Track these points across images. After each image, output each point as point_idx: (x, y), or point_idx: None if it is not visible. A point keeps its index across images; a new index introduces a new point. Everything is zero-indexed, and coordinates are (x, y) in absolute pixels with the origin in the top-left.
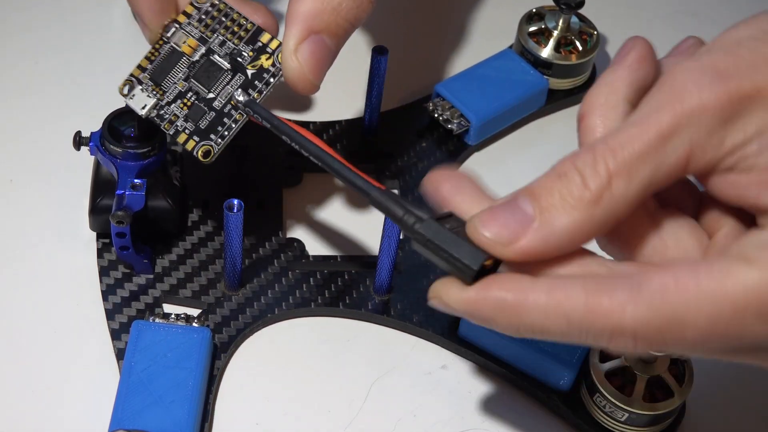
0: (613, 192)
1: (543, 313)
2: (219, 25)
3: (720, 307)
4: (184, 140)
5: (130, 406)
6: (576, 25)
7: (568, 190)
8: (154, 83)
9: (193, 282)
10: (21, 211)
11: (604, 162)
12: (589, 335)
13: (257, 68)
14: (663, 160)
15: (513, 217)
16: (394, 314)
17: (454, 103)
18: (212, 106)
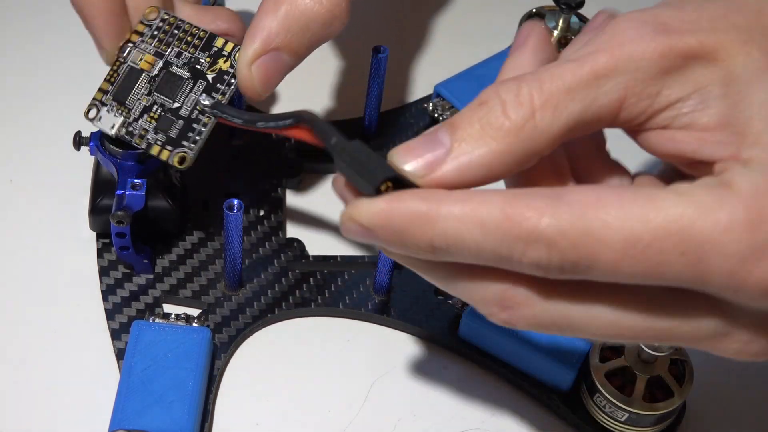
0: (536, 124)
1: (458, 220)
2: (172, 38)
3: (639, 231)
4: (158, 151)
5: (130, 406)
6: (576, 25)
7: (488, 119)
8: (118, 102)
9: (193, 282)
10: (21, 211)
11: (529, 92)
12: (503, 244)
13: (216, 72)
14: (594, 100)
15: (430, 149)
16: (394, 314)
17: (454, 103)
18: (179, 114)
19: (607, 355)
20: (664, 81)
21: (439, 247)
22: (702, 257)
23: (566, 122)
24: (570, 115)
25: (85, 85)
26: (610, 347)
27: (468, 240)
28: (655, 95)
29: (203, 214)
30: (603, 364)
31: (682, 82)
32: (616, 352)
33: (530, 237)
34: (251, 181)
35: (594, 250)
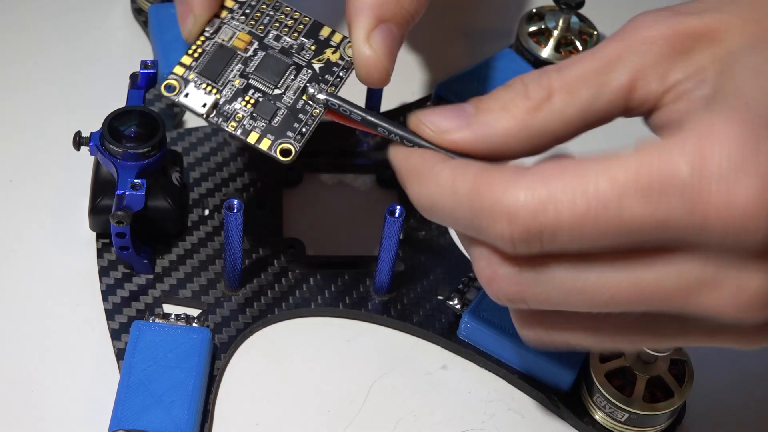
0: (552, 105)
1: (438, 185)
2: (269, 19)
3: (597, 186)
4: (257, 139)
5: (130, 406)
6: (576, 25)
7: (510, 97)
8: (206, 81)
9: (193, 282)
10: (21, 212)
11: (548, 78)
12: (473, 215)
13: (324, 62)
14: (606, 84)
15: (453, 112)
16: (394, 314)
17: (455, 102)
18: (282, 102)
19: (608, 355)
20: (671, 63)
21: (425, 206)
22: (659, 198)
23: (580, 105)
24: (583, 99)
25: (86, 84)
26: None
27: (445, 206)
28: (663, 77)
29: (203, 214)
30: (603, 364)
31: (686, 62)
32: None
33: (492, 209)
34: (251, 181)
35: (555, 215)
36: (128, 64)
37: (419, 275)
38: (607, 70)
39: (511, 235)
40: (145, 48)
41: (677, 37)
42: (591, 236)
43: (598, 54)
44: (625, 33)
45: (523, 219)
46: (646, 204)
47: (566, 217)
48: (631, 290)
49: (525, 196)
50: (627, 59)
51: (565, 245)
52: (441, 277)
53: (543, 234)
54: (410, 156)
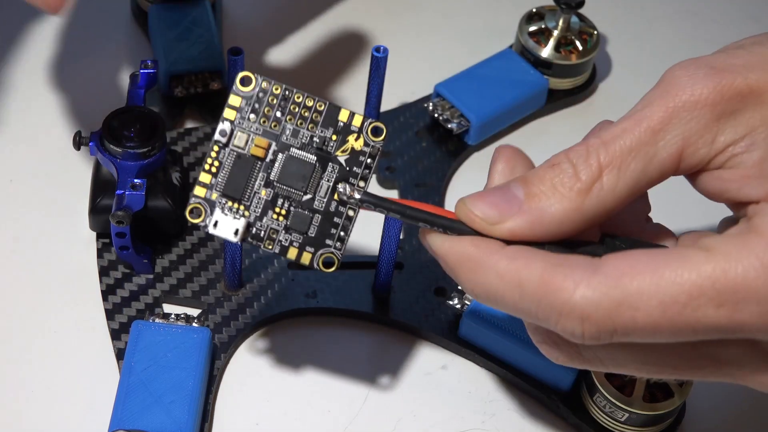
0: (603, 184)
1: (499, 275)
2: (282, 113)
3: (673, 292)
4: (296, 255)
5: (130, 406)
6: (576, 24)
7: (560, 179)
8: (230, 200)
9: (193, 282)
10: (21, 212)
11: (596, 154)
12: (539, 310)
13: (349, 152)
14: (655, 155)
15: (502, 199)
16: (394, 314)
17: (454, 102)
18: (313, 208)
19: None
20: (718, 126)
21: (479, 295)
22: (737, 306)
23: (630, 180)
24: (633, 173)
25: (86, 84)
26: None
27: (507, 297)
28: (712, 141)
29: None
30: None
31: (735, 125)
32: None
33: (563, 308)
34: None
35: (630, 317)
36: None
37: (420, 275)
38: (655, 141)
39: (582, 334)
40: (145, 48)
41: (723, 100)
42: (664, 337)
43: (643, 123)
44: (667, 96)
45: (596, 320)
46: (722, 310)
47: (642, 319)
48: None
49: (599, 296)
50: (674, 127)
51: (637, 341)
52: (441, 277)
53: (616, 333)
54: (459, 244)
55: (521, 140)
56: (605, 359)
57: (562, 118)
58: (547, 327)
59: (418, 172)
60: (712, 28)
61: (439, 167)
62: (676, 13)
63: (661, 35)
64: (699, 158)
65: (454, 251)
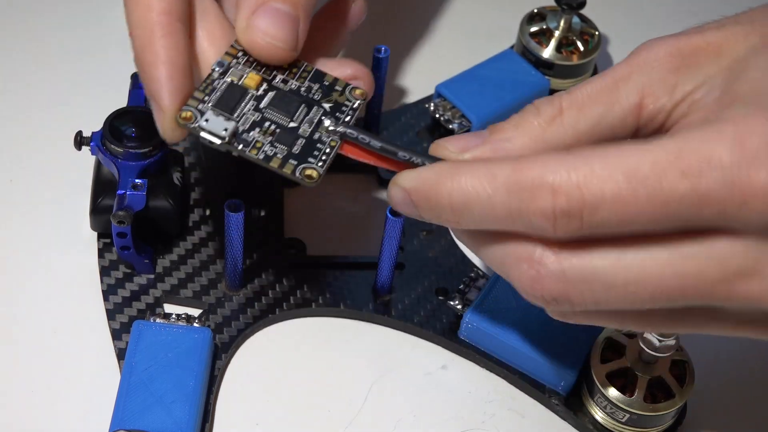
0: (563, 120)
1: (472, 175)
2: (275, 68)
3: (637, 163)
4: (279, 164)
5: (131, 406)
6: (577, 25)
7: (523, 117)
8: (220, 112)
9: (194, 282)
10: (21, 212)
11: (559, 99)
12: (512, 194)
13: (333, 102)
14: (615, 102)
15: (470, 135)
16: (394, 314)
17: (456, 103)
18: (298, 133)
19: (609, 356)
20: (677, 77)
21: (456, 203)
22: (700, 174)
23: (591, 120)
24: (593, 114)
25: (87, 84)
26: (610, 347)
27: (481, 193)
28: (671, 90)
29: (204, 214)
30: (604, 364)
31: (693, 75)
32: (617, 353)
33: (534, 183)
34: (252, 181)
35: (597, 187)
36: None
37: (420, 275)
38: (616, 88)
39: (553, 207)
40: None
41: (681, 54)
42: (632, 212)
43: (607, 75)
44: (630, 57)
45: (566, 191)
46: (686, 180)
47: (608, 192)
48: (673, 281)
49: (567, 169)
50: (635, 78)
51: (606, 222)
52: (442, 277)
53: (585, 208)
54: (432, 165)
55: None
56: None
57: None
58: (522, 223)
59: None
60: None
61: None
62: (676, 14)
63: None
64: (659, 106)
65: (429, 172)
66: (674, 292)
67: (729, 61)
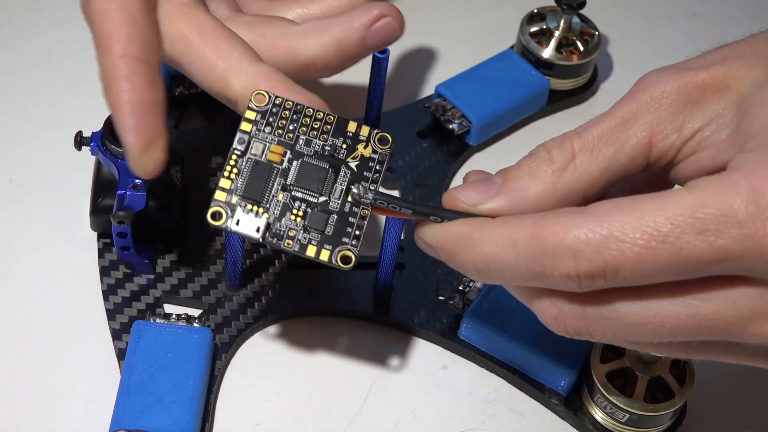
0: (576, 165)
1: (493, 242)
2: (295, 125)
3: (655, 223)
4: (315, 252)
5: (131, 406)
6: (577, 25)
7: (536, 164)
8: (251, 202)
9: (194, 282)
10: (21, 212)
11: (570, 142)
12: (536, 260)
13: (359, 158)
14: (625, 141)
15: (483, 184)
16: (394, 315)
17: (456, 103)
18: (329, 209)
19: (608, 356)
20: (685, 114)
21: (481, 268)
22: (717, 231)
23: (603, 163)
24: (605, 157)
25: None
26: (610, 347)
27: (505, 260)
28: (680, 128)
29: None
30: (604, 364)
31: (701, 112)
32: (617, 353)
33: (557, 250)
34: None
35: (617, 249)
36: None
37: (420, 276)
38: (625, 127)
39: (577, 272)
40: None
41: (687, 90)
42: (653, 270)
43: (614, 114)
44: (636, 93)
45: (588, 256)
46: (703, 238)
47: (628, 252)
48: (690, 321)
49: (587, 234)
50: (642, 116)
51: (628, 279)
52: (442, 278)
53: (607, 269)
54: (452, 226)
55: (522, 141)
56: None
57: (563, 118)
58: (547, 282)
59: (419, 172)
60: (713, 29)
61: (440, 168)
62: (676, 14)
63: (662, 36)
64: (668, 144)
65: (449, 232)
66: (691, 330)
67: (735, 96)
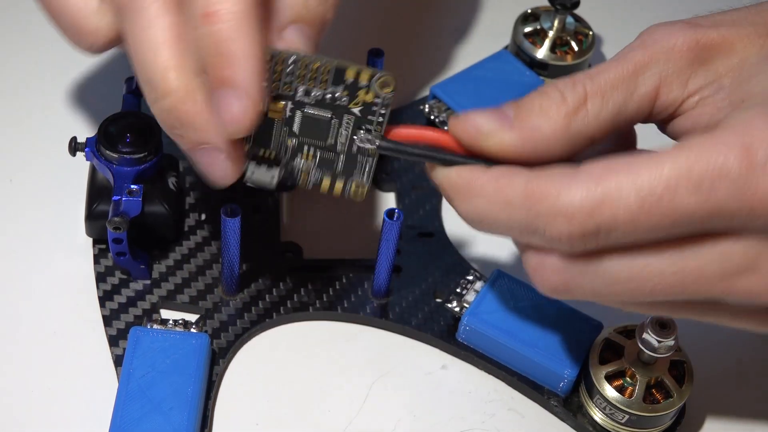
0: (588, 109)
1: (487, 198)
2: (291, 77)
3: (650, 184)
4: (329, 185)
5: (129, 413)
6: (571, 25)
7: (548, 102)
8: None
9: (191, 287)
10: (15, 218)
11: (582, 84)
12: (529, 222)
13: (361, 104)
14: (635, 89)
15: (495, 114)
16: (392, 317)
17: (450, 104)
18: (337, 151)
19: (607, 357)
20: (691, 70)
21: (474, 220)
22: (711, 188)
23: (613, 109)
24: (615, 103)
25: (80, 89)
26: (609, 348)
27: (499, 216)
28: (685, 84)
29: (200, 218)
30: (603, 365)
31: (705, 71)
32: (616, 354)
33: (550, 212)
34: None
35: (611, 213)
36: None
37: (418, 278)
38: (636, 76)
39: (569, 234)
40: None
41: (697, 47)
42: (645, 230)
43: (625, 62)
44: (647, 42)
45: (581, 218)
46: (697, 195)
47: (622, 214)
48: (674, 278)
49: (580, 196)
50: (653, 67)
51: (619, 239)
52: (439, 280)
53: (600, 231)
54: (450, 173)
55: None
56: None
57: None
58: (539, 240)
59: (415, 174)
60: None
61: None
62: (671, 14)
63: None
64: (672, 98)
65: (448, 180)
66: (675, 288)
67: (739, 60)
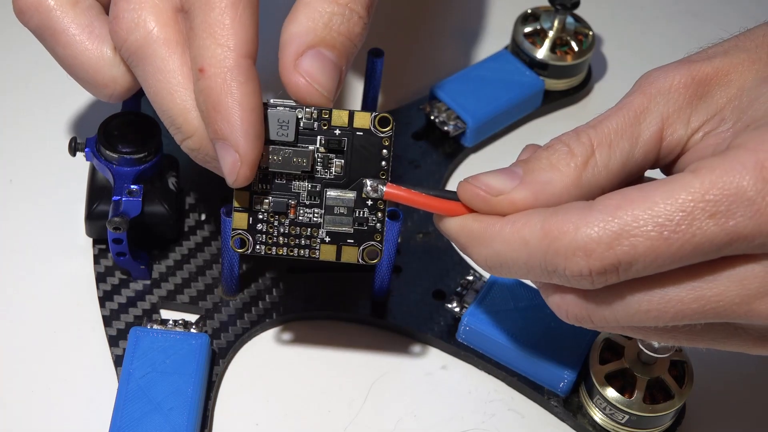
0: (597, 160)
1: (504, 241)
2: None
3: (667, 212)
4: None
5: (129, 413)
6: (571, 25)
7: (556, 157)
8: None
9: (191, 287)
10: (16, 219)
11: (587, 135)
12: (547, 260)
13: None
14: (639, 135)
15: (503, 174)
16: (392, 318)
17: (450, 104)
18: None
19: (607, 357)
20: (692, 108)
21: (492, 265)
22: (728, 211)
23: (621, 158)
24: (623, 152)
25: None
26: (609, 348)
27: (518, 258)
28: (687, 122)
29: (200, 219)
30: (603, 366)
31: (705, 106)
32: (616, 354)
33: (568, 248)
34: None
35: (630, 244)
36: None
37: (418, 278)
38: (638, 121)
39: (589, 271)
40: None
41: (694, 84)
42: (666, 260)
43: (626, 108)
44: (644, 87)
45: (600, 252)
46: (716, 221)
47: (641, 244)
48: (695, 305)
49: (598, 229)
50: (653, 110)
51: (641, 272)
52: (439, 280)
53: (620, 266)
54: (464, 221)
55: (517, 142)
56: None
57: (558, 119)
58: (559, 279)
59: (414, 174)
60: (709, 29)
61: (435, 169)
62: (671, 13)
63: (657, 36)
64: (677, 138)
65: (461, 229)
66: (695, 314)
67: (737, 89)
